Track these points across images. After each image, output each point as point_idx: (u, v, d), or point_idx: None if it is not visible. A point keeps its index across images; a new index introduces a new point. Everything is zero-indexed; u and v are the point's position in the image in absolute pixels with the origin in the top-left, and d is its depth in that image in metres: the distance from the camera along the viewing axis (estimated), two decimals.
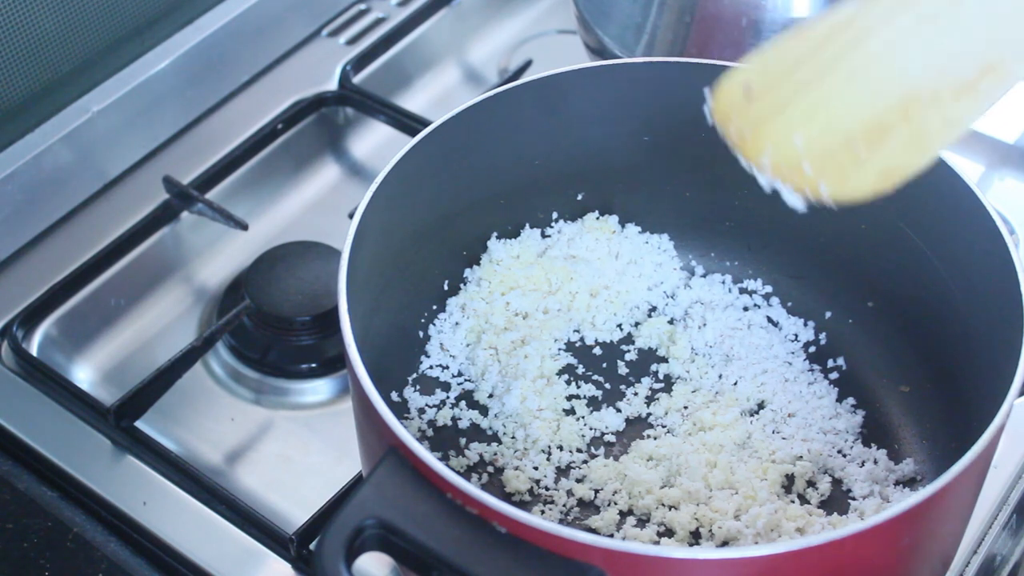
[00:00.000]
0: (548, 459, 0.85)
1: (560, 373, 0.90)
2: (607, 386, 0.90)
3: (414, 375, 0.90)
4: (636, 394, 0.89)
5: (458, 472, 0.77)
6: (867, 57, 0.62)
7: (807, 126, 0.64)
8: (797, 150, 0.65)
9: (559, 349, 0.91)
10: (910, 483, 0.83)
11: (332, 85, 1.16)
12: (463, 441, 0.87)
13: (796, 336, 0.92)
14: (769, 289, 0.94)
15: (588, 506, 0.83)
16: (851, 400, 0.88)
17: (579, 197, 0.94)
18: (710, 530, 0.80)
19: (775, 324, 0.93)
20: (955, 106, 0.61)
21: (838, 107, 0.63)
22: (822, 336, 0.92)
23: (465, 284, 0.93)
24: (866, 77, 0.62)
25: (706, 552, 0.65)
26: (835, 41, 0.63)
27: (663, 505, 0.82)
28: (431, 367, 0.90)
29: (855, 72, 0.62)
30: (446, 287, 0.92)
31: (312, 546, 0.84)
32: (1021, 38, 0.59)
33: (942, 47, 0.60)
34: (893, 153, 0.63)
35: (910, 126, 0.62)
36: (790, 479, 0.84)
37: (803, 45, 0.65)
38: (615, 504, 0.83)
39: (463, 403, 0.89)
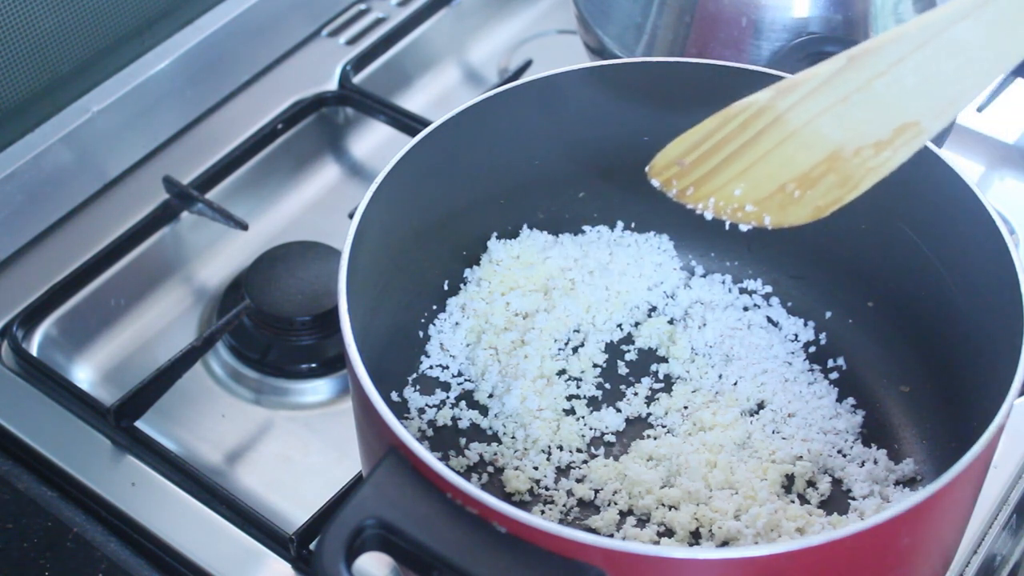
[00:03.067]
0: (548, 459, 0.85)
1: (560, 373, 0.90)
2: (607, 386, 0.90)
3: (414, 375, 0.90)
4: (636, 394, 0.89)
5: (458, 472, 0.77)
6: (788, 131, 0.68)
7: (743, 182, 0.71)
8: (737, 197, 0.73)
9: (559, 349, 0.91)
10: (910, 483, 0.83)
11: (332, 85, 1.17)
12: (463, 441, 0.87)
13: (796, 336, 0.92)
14: (769, 289, 0.94)
15: (588, 506, 0.83)
16: (851, 400, 0.88)
17: (579, 196, 0.94)
18: (710, 530, 0.80)
19: (775, 324, 0.93)
20: (877, 156, 0.67)
21: (769, 168, 0.69)
22: (822, 336, 0.92)
23: (465, 284, 0.93)
24: (791, 145, 0.68)
25: (706, 552, 0.65)
26: (756, 122, 0.70)
27: (663, 505, 0.82)
28: (431, 367, 0.90)
29: (781, 142, 0.68)
30: (446, 287, 0.92)
31: (312, 546, 0.84)
32: (931, 103, 0.64)
33: (856, 118, 0.66)
34: (825, 192, 0.70)
35: (837, 173, 0.68)
36: (790, 479, 0.84)
37: (724, 128, 0.72)
38: (615, 504, 0.83)
39: (463, 403, 0.89)
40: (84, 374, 0.99)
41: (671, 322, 0.93)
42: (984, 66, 0.64)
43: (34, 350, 0.97)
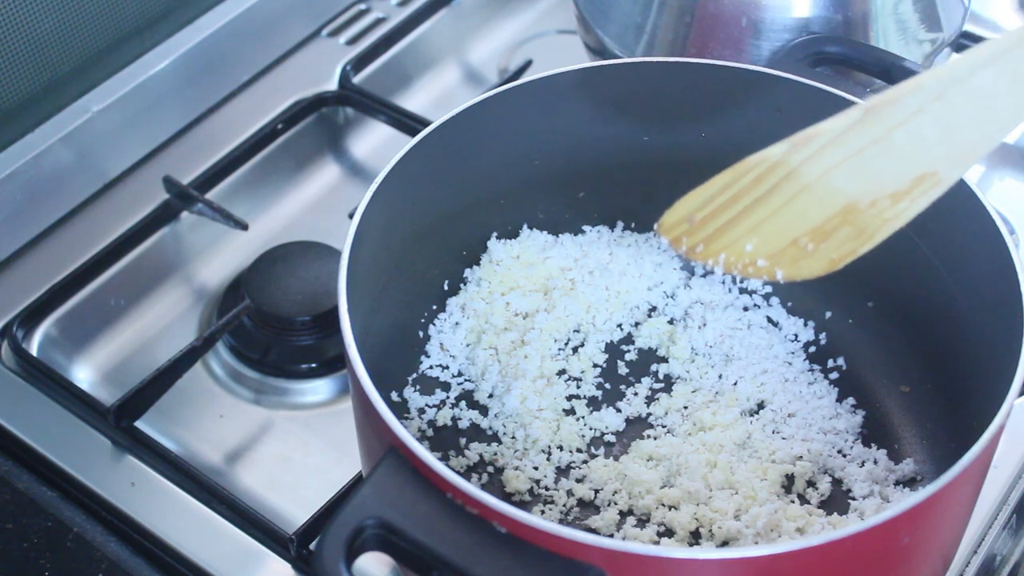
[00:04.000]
0: (548, 459, 0.85)
1: (560, 373, 0.90)
2: (607, 386, 0.90)
3: (414, 375, 0.90)
4: (636, 394, 0.89)
5: (458, 472, 0.77)
6: (802, 185, 0.67)
7: (755, 237, 0.70)
8: (749, 253, 0.72)
9: (559, 349, 0.91)
10: (910, 483, 0.83)
11: (332, 85, 1.17)
12: (463, 441, 0.87)
13: (796, 336, 0.92)
14: (769, 289, 0.94)
15: (588, 506, 0.83)
16: (851, 400, 0.88)
17: (579, 196, 0.94)
18: (710, 530, 0.80)
19: (775, 324, 0.93)
20: (894, 207, 0.66)
21: (782, 222, 0.68)
22: (822, 336, 0.92)
23: (465, 284, 0.93)
24: (804, 199, 0.67)
25: (706, 552, 0.65)
26: (769, 176, 0.69)
27: (663, 505, 0.82)
28: (431, 367, 0.90)
29: (794, 196, 0.67)
30: (446, 287, 0.92)
31: (312, 546, 0.84)
32: (950, 152, 0.63)
33: (872, 169, 0.65)
34: (839, 245, 0.69)
35: (852, 226, 0.67)
36: (790, 479, 0.84)
37: (737, 183, 0.71)
38: (615, 504, 0.83)
39: (463, 403, 0.89)
40: (84, 374, 0.98)
41: (671, 322, 0.93)
42: (1005, 115, 0.63)
43: (34, 350, 0.97)
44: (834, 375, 0.90)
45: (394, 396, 0.88)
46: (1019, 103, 0.61)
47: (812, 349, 0.91)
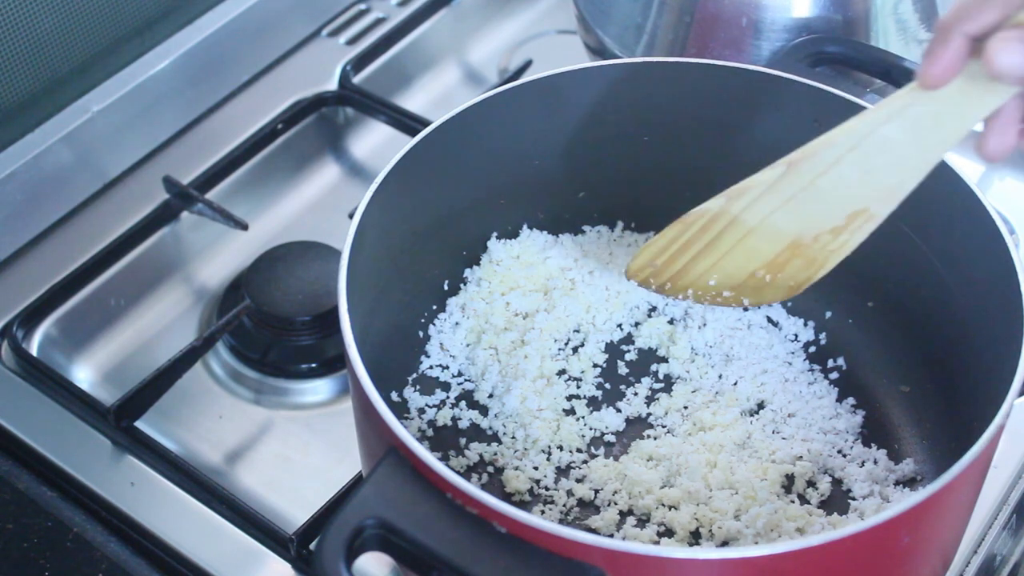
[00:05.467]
0: (548, 459, 0.85)
1: (560, 373, 0.90)
2: (607, 386, 0.90)
3: (414, 375, 0.90)
4: (636, 394, 0.89)
5: (458, 472, 0.77)
6: (747, 229, 0.74)
7: (716, 274, 0.79)
8: (713, 287, 0.81)
9: (559, 349, 0.91)
10: (910, 483, 0.83)
11: (332, 85, 1.17)
12: (463, 441, 0.87)
13: (796, 336, 0.92)
14: None
15: (588, 506, 0.83)
16: (851, 400, 0.88)
17: (579, 196, 0.94)
18: (710, 530, 0.80)
19: (775, 324, 0.93)
20: (836, 240, 0.73)
21: (737, 260, 0.76)
22: (822, 336, 0.92)
23: (465, 284, 0.93)
24: (752, 239, 0.74)
25: (706, 552, 0.65)
26: (714, 225, 0.77)
27: (663, 505, 0.82)
28: (431, 367, 0.90)
29: (742, 238, 0.74)
30: (446, 287, 0.92)
31: (312, 546, 0.84)
32: (875, 193, 0.69)
33: (808, 211, 0.71)
34: (794, 274, 0.77)
35: (802, 258, 0.74)
36: (790, 479, 0.84)
37: (685, 233, 0.79)
38: (615, 504, 0.83)
39: (463, 403, 0.89)
40: (84, 374, 0.99)
41: (671, 322, 0.93)
42: (914, 161, 0.67)
43: (34, 350, 0.97)
44: (834, 375, 0.90)
45: (394, 396, 0.88)
46: (924, 152, 0.66)
47: (812, 349, 0.91)
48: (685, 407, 0.88)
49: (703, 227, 0.78)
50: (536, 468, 0.85)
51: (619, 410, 0.88)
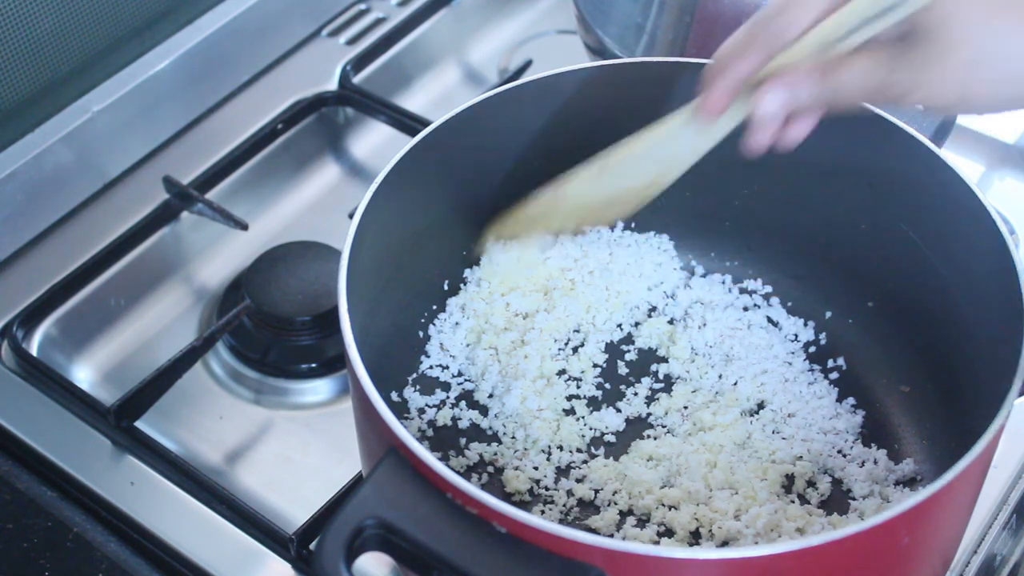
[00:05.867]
0: (548, 459, 0.85)
1: (560, 373, 0.90)
2: (607, 386, 0.90)
3: (414, 375, 0.90)
4: (636, 394, 0.89)
5: (458, 472, 0.77)
6: (572, 195, 0.85)
7: (560, 218, 0.87)
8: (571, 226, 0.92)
9: (559, 349, 0.91)
10: (910, 483, 0.83)
11: (332, 85, 1.17)
12: (463, 441, 0.87)
13: (796, 336, 0.92)
14: (769, 289, 0.94)
15: (588, 506, 0.83)
16: (851, 400, 0.88)
17: None
18: (710, 530, 0.80)
19: (775, 324, 0.93)
20: (642, 195, 0.84)
21: (568, 210, 0.86)
22: (822, 336, 0.92)
23: (465, 284, 0.93)
24: (574, 200, 0.84)
25: (706, 552, 0.65)
26: (550, 202, 0.86)
27: (663, 505, 0.82)
28: (431, 367, 0.90)
29: (568, 200, 0.85)
30: (446, 287, 0.92)
31: (312, 546, 0.84)
32: (663, 170, 0.82)
33: (617, 184, 0.83)
34: (616, 212, 0.86)
35: (619, 207, 0.85)
36: (790, 479, 0.84)
37: (530, 206, 0.87)
38: (615, 504, 0.83)
39: (463, 403, 0.89)
40: (84, 374, 0.98)
41: (671, 322, 0.93)
42: (689, 157, 0.80)
43: (34, 350, 0.97)
44: (834, 375, 0.90)
45: (394, 396, 0.88)
46: (695, 152, 0.80)
47: (812, 349, 0.91)
48: (685, 407, 0.88)
49: (541, 200, 0.86)
50: (536, 468, 0.85)
51: (619, 410, 0.88)
